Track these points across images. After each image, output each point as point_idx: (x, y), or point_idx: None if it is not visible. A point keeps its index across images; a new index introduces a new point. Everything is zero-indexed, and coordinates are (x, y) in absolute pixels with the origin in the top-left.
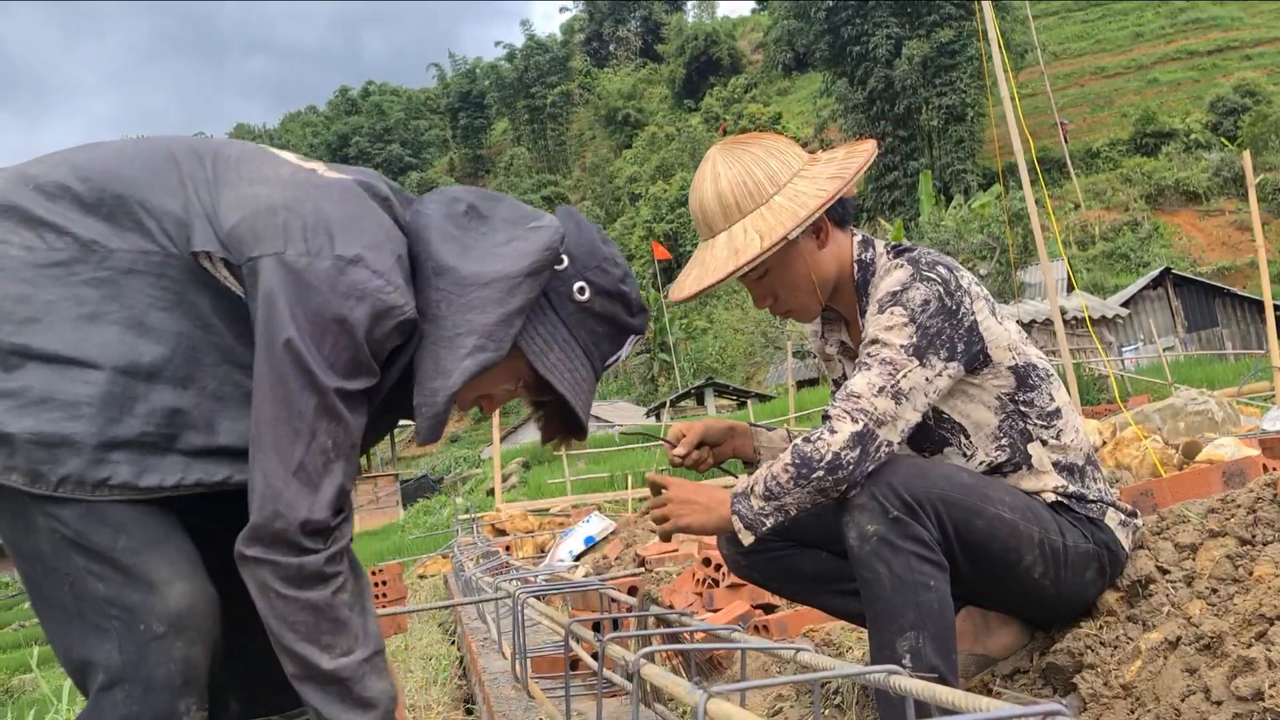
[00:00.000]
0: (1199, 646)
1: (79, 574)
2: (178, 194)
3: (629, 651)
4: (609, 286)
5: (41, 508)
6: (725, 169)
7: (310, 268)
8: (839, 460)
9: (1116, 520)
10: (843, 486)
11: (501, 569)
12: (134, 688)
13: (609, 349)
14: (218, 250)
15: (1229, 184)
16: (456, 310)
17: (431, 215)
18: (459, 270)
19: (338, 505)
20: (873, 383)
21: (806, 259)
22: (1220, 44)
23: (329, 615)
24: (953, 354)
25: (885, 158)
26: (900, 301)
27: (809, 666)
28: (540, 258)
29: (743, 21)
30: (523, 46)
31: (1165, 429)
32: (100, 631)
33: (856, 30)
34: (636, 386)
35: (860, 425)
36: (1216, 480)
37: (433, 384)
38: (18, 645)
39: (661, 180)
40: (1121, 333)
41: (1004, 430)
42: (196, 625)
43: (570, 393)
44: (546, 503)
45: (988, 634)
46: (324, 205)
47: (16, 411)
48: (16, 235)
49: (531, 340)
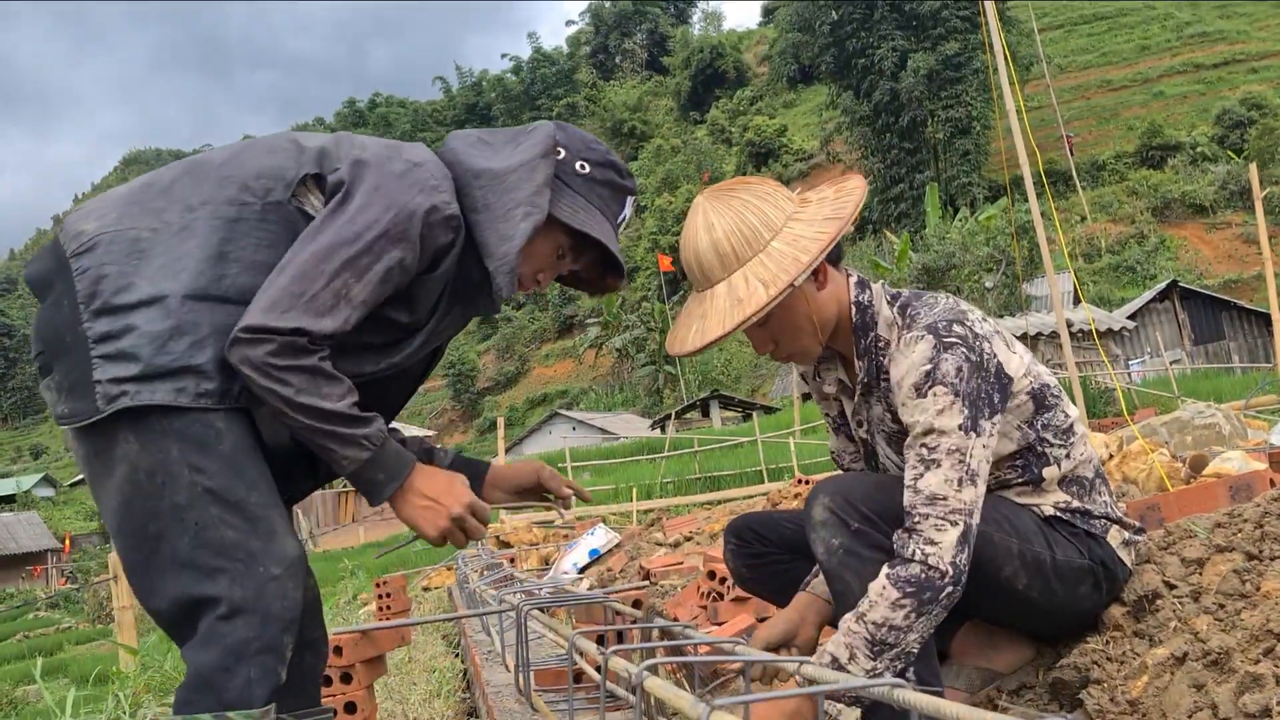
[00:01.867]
0: (1206, 662)
1: (212, 522)
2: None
3: (632, 664)
4: (600, 159)
5: (192, 454)
6: (718, 218)
7: (387, 163)
8: (959, 568)
9: (1120, 539)
10: (961, 588)
11: (505, 581)
12: (253, 617)
13: (616, 209)
14: (312, 168)
15: (1235, 197)
16: (500, 194)
17: (456, 146)
18: (492, 168)
19: (331, 339)
20: (949, 478)
21: (808, 303)
22: (1226, 57)
23: (323, 372)
24: (994, 409)
25: (891, 170)
26: (937, 380)
27: (813, 679)
28: (545, 143)
29: (749, 35)
30: (529, 59)
31: (1172, 442)
32: (219, 572)
33: (862, 43)
34: (642, 399)
35: (961, 526)
36: (1223, 494)
37: (502, 248)
38: (21, 656)
39: (667, 192)
40: (1128, 345)
41: (1020, 454)
42: (301, 572)
43: (603, 236)
44: (551, 515)
45: (993, 648)
46: (390, 140)
47: (198, 345)
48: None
49: (561, 211)
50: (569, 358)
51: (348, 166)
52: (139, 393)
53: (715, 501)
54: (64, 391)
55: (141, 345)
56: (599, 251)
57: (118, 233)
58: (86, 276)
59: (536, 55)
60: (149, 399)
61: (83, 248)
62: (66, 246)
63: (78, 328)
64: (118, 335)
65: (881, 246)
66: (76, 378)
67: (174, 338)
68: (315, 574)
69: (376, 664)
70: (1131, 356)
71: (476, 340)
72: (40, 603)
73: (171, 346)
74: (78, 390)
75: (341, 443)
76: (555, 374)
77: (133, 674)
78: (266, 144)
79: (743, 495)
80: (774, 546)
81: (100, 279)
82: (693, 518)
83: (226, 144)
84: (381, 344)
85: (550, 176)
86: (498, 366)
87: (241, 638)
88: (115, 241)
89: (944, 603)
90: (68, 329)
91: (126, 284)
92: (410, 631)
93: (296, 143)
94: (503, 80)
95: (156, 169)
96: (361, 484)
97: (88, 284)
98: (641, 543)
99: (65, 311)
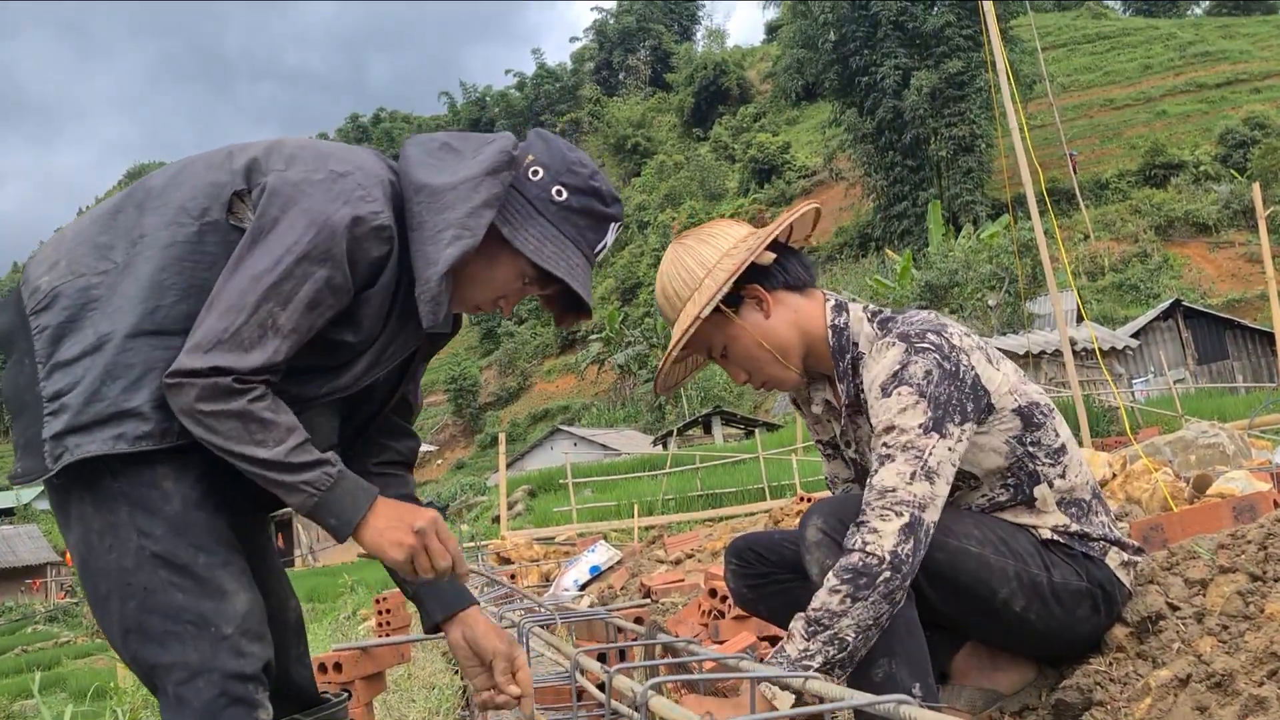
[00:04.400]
0: (1210, 684)
1: (161, 585)
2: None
3: (636, 682)
4: (581, 185)
5: (140, 518)
6: (667, 264)
7: (307, 179)
8: (899, 557)
9: (1119, 560)
10: (907, 584)
11: (506, 598)
12: (212, 675)
13: (594, 237)
14: (240, 184)
15: (1239, 216)
16: (434, 213)
17: (410, 153)
18: (432, 184)
19: (263, 373)
20: (902, 471)
21: (751, 331)
22: (1229, 76)
23: (253, 415)
24: (965, 416)
25: (894, 187)
26: (904, 380)
27: (818, 696)
28: (496, 159)
29: (752, 52)
30: (533, 74)
31: (1176, 462)
32: (171, 636)
33: (865, 61)
34: (644, 415)
35: (907, 517)
36: (1227, 515)
37: (426, 273)
38: (19, 670)
39: (670, 208)
40: (1131, 364)
41: (1011, 471)
42: (255, 625)
43: (568, 276)
44: (552, 531)
45: (995, 669)
46: (323, 145)
47: (133, 387)
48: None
49: (526, 241)
50: (571, 373)
51: (268, 182)
52: (79, 445)
53: (717, 519)
54: (19, 449)
55: (77, 396)
56: (565, 288)
57: (69, 283)
58: (44, 336)
59: (540, 71)
60: (88, 450)
61: (40, 305)
62: (26, 302)
63: (35, 387)
64: (66, 390)
65: (884, 264)
66: (30, 436)
67: (106, 382)
68: (298, 594)
69: (376, 681)
70: (1135, 375)
71: (479, 355)
72: (39, 616)
73: (104, 392)
74: (30, 448)
75: (285, 490)
76: (557, 389)
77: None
78: (207, 159)
79: (744, 512)
80: (775, 567)
81: (58, 338)
82: (694, 535)
83: (178, 160)
84: (328, 366)
85: (498, 195)
86: (499, 382)
87: (208, 698)
88: (68, 294)
89: (882, 590)
90: (26, 388)
91: (80, 338)
92: (410, 648)
93: (231, 154)
94: (506, 95)
95: (106, 198)
96: (320, 525)
97: (45, 343)
98: (643, 560)
99: (26, 370)
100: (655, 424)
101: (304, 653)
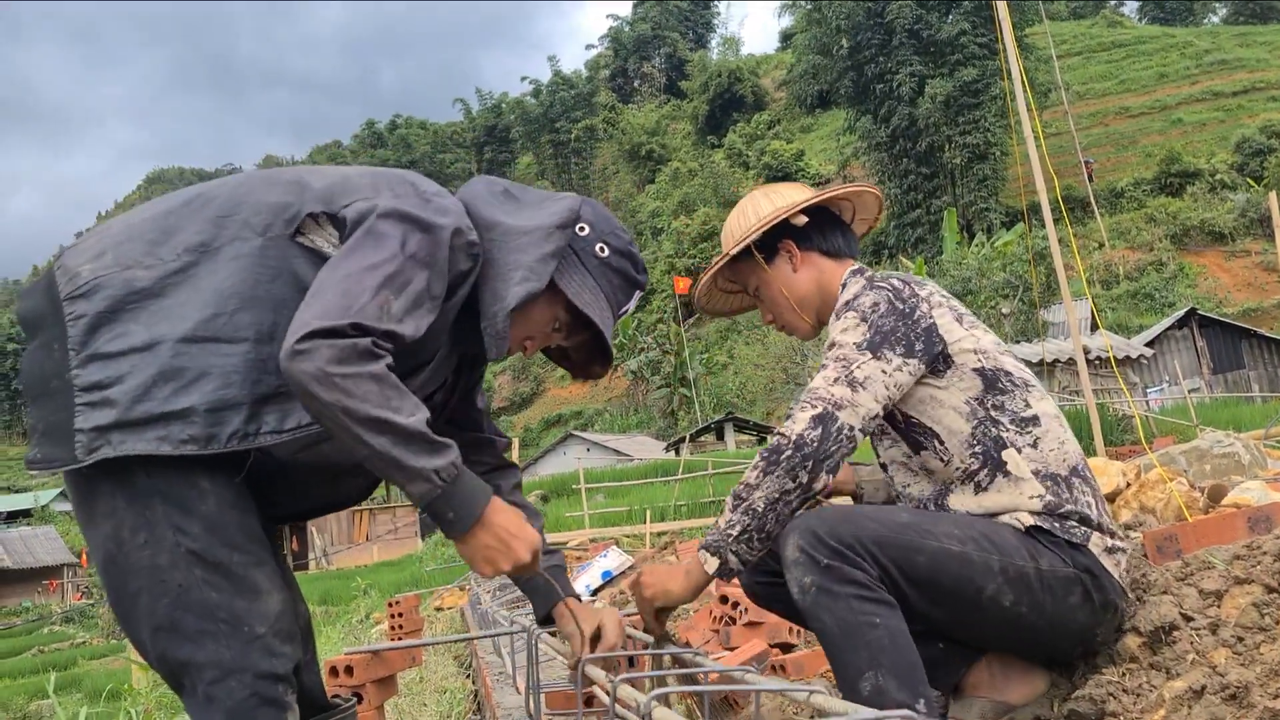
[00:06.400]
0: (1224, 696)
1: (196, 583)
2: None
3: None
4: (621, 247)
5: (176, 516)
6: (736, 209)
7: (407, 193)
8: (803, 439)
9: (1102, 546)
10: (809, 464)
11: (518, 602)
12: (245, 675)
13: (622, 299)
14: (317, 206)
15: (1255, 225)
16: (506, 252)
17: (478, 190)
18: (505, 223)
19: (394, 341)
20: (828, 375)
21: (778, 279)
22: (1246, 85)
23: (390, 382)
24: (910, 350)
25: (908, 195)
26: (852, 307)
27: (823, 709)
28: (565, 215)
29: (766, 59)
30: (548, 82)
31: (1190, 471)
32: (205, 635)
33: (880, 68)
34: (657, 420)
35: (819, 409)
36: (1242, 526)
37: (494, 308)
38: (36, 670)
39: (684, 215)
40: (1146, 373)
41: (977, 437)
42: (287, 626)
43: (601, 322)
44: (564, 536)
45: (1006, 681)
46: (397, 171)
47: (184, 390)
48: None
49: (569, 285)
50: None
51: (364, 201)
52: (123, 442)
53: None
54: (38, 434)
55: (125, 393)
56: (593, 334)
57: (114, 274)
58: (80, 323)
59: (556, 78)
60: (133, 448)
61: (77, 291)
62: (61, 288)
63: (65, 374)
64: (108, 383)
65: (897, 271)
66: (55, 423)
67: (158, 383)
68: (311, 597)
69: (388, 684)
70: (1149, 384)
71: (493, 361)
72: (55, 617)
73: (154, 393)
74: (54, 435)
75: (407, 476)
76: (570, 395)
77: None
78: (268, 179)
79: None
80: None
81: (94, 327)
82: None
83: (234, 175)
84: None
85: (562, 248)
86: (513, 387)
87: (240, 698)
88: (111, 285)
89: (785, 466)
90: (54, 374)
91: (122, 331)
92: (422, 652)
93: (300, 180)
94: (522, 103)
95: (156, 198)
96: (432, 517)
97: (80, 330)
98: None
99: (55, 356)
100: (668, 430)
101: (313, 658)
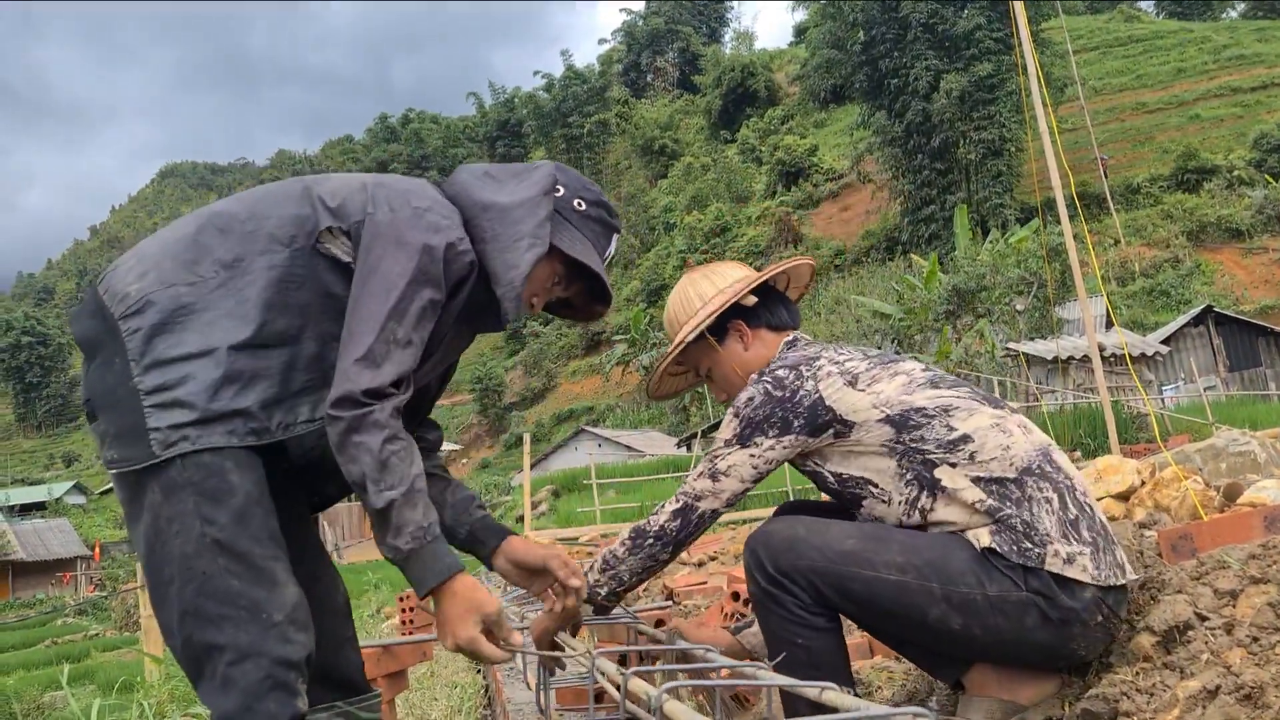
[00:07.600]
0: (1239, 696)
1: (219, 571)
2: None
3: (652, 687)
4: (594, 199)
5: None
6: (675, 293)
7: (398, 217)
8: (664, 529)
9: (1062, 558)
10: (670, 548)
11: (528, 598)
12: (261, 659)
13: (604, 244)
14: (331, 221)
15: (1273, 221)
16: (506, 225)
17: (465, 178)
18: (499, 201)
19: (395, 381)
20: (695, 472)
21: (732, 359)
22: (1264, 80)
23: (385, 453)
24: (787, 428)
25: (922, 191)
26: (732, 406)
27: (834, 706)
28: (546, 182)
29: (780, 54)
30: (561, 76)
31: (1206, 470)
32: (224, 619)
33: (894, 63)
34: (668, 416)
35: (680, 503)
36: (1258, 525)
37: (508, 275)
38: (49, 662)
39: (696, 210)
40: (1161, 371)
41: (905, 465)
42: (302, 617)
43: (597, 267)
44: (575, 531)
45: (1015, 681)
46: (394, 182)
47: (243, 391)
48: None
49: (561, 240)
50: (596, 374)
51: (364, 226)
52: (200, 437)
53: (740, 521)
54: (110, 438)
55: (197, 393)
56: (589, 280)
57: (160, 291)
58: (138, 336)
59: (569, 73)
60: (210, 441)
61: (130, 310)
62: (114, 309)
63: (129, 382)
64: (172, 386)
65: (910, 267)
66: (126, 425)
67: (223, 386)
68: (344, 582)
69: (399, 679)
70: (1165, 382)
71: (504, 356)
72: (69, 609)
73: (222, 394)
74: (126, 438)
75: (378, 533)
76: (582, 390)
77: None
78: (280, 191)
79: (767, 515)
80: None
81: (151, 337)
82: (717, 537)
83: (246, 191)
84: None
85: (551, 212)
86: (525, 382)
87: (254, 679)
88: (160, 301)
89: (648, 550)
90: (119, 384)
91: (177, 340)
92: (432, 647)
93: (308, 191)
94: (534, 97)
95: (178, 220)
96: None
97: (139, 342)
98: None
99: (116, 369)
100: (679, 426)
101: (353, 636)
